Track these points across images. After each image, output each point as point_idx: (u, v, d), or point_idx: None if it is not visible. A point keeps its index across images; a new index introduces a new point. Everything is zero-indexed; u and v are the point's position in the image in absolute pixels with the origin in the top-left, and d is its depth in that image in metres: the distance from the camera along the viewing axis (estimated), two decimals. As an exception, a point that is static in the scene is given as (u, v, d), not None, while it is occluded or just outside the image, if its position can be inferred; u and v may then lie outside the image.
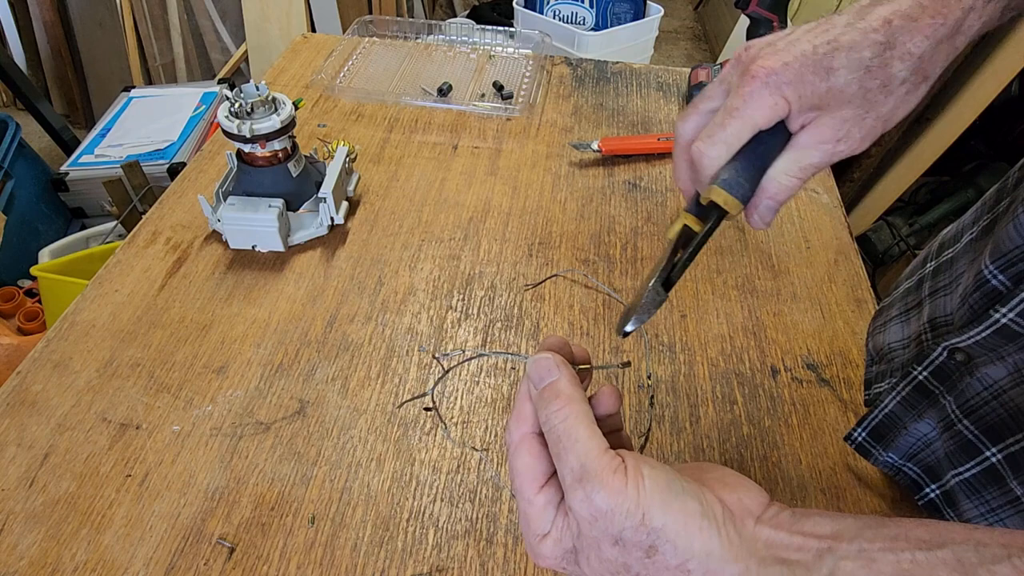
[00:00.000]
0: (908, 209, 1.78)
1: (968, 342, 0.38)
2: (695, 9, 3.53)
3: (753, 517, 0.27)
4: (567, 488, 0.27)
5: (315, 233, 0.74)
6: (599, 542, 0.27)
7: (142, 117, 1.85)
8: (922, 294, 0.48)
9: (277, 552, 0.49)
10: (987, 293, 0.37)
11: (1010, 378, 0.38)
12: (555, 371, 0.31)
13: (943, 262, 0.47)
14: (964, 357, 0.40)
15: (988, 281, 0.37)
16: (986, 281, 0.37)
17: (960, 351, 0.40)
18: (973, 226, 0.44)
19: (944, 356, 0.41)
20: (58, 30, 2.30)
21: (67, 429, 0.56)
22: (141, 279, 0.69)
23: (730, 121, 0.36)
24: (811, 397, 0.61)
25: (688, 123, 0.41)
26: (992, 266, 0.37)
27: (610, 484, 0.26)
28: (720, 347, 0.65)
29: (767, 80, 0.35)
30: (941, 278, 0.46)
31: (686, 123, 0.41)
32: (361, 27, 1.11)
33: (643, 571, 0.26)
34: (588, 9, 2.04)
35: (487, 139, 0.91)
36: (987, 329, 0.36)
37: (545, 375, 0.31)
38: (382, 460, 0.55)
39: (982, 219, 0.43)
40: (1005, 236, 0.36)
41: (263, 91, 0.70)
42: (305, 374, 0.61)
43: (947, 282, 0.45)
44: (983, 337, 0.37)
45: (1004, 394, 0.38)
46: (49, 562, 0.48)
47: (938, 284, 0.46)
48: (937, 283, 0.46)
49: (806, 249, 0.76)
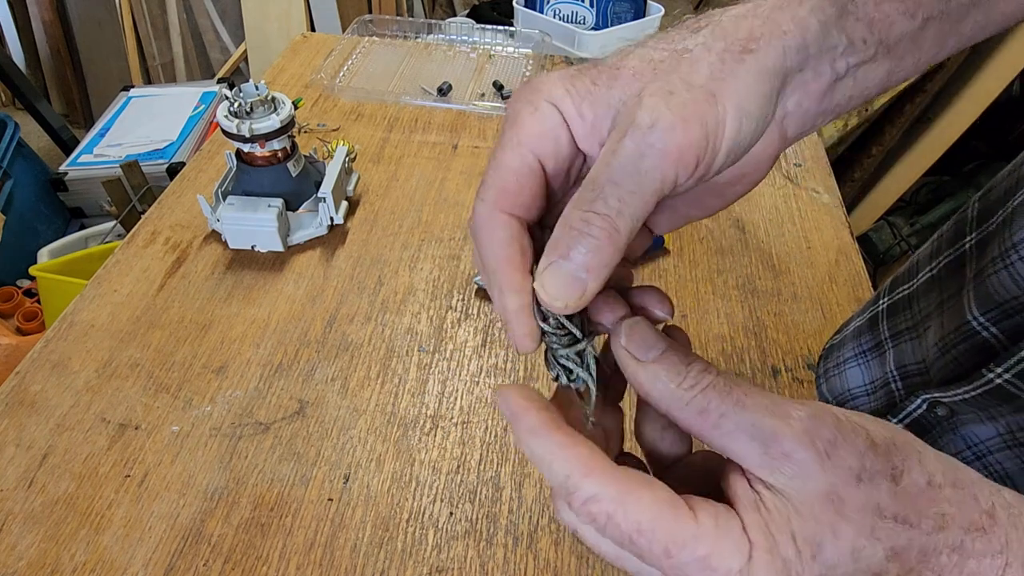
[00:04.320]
0: (909, 209, 1.78)
1: (954, 399, 0.36)
2: (695, 8, 3.53)
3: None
4: (756, 463, 0.20)
5: (314, 233, 0.74)
6: (837, 501, 0.19)
7: (141, 117, 1.85)
8: (880, 335, 0.45)
9: (276, 552, 0.49)
10: (976, 346, 0.35)
11: (999, 439, 0.35)
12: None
13: (899, 300, 0.44)
14: (947, 412, 0.37)
15: (977, 333, 0.34)
16: (974, 333, 0.35)
17: (943, 405, 0.37)
18: (931, 261, 0.42)
19: (923, 408, 0.39)
20: (57, 30, 2.29)
21: (66, 429, 0.56)
22: (140, 279, 0.69)
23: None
24: (812, 397, 0.60)
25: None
26: (982, 317, 0.34)
27: (801, 420, 0.20)
28: (721, 347, 0.64)
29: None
30: (900, 319, 0.43)
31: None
32: (361, 26, 1.11)
33: (896, 507, 0.20)
34: (588, 8, 2.03)
35: (487, 139, 0.91)
36: (978, 388, 0.34)
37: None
38: (382, 460, 0.55)
39: (942, 255, 0.41)
40: (997, 285, 0.33)
41: (262, 91, 0.70)
42: (305, 374, 0.61)
43: (910, 324, 0.42)
44: (972, 396, 0.34)
45: (990, 455, 0.36)
46: (48, 563, 0.48)
47: (899, 326, 0.43)
48: (897, 324, 0.43)
49: (807, 249, 0.75)
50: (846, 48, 0.23)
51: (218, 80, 2.12)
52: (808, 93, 0.24)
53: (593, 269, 0.21)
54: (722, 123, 0.21)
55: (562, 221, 0.22)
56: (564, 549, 0.50)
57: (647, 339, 0.22)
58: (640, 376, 0.22)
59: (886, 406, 0.42)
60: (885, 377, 0.44)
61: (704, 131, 0.21)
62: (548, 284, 0.21)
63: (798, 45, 0.22)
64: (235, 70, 2.28)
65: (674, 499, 0.20)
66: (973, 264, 0.37)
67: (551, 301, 0.21)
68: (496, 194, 0.23)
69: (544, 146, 0.23)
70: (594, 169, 0.22)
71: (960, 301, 0.36)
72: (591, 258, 0.21)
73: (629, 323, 0.23)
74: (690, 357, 0.22)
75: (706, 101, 0.21)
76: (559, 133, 0.23)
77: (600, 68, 0.24)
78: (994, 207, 0.37)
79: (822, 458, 0.19)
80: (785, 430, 0.20)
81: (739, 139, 0.22)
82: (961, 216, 0.41)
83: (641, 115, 0.21)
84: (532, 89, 0.24)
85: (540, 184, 0.24)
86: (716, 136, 0.21)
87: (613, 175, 0.21)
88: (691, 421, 0.21)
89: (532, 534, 0.50)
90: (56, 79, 2.43)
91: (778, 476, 0.20)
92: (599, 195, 0.21)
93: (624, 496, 0.20)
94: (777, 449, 0.20)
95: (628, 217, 0.21)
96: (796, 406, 0.20)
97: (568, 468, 0.21)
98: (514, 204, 0.24)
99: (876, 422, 0.21)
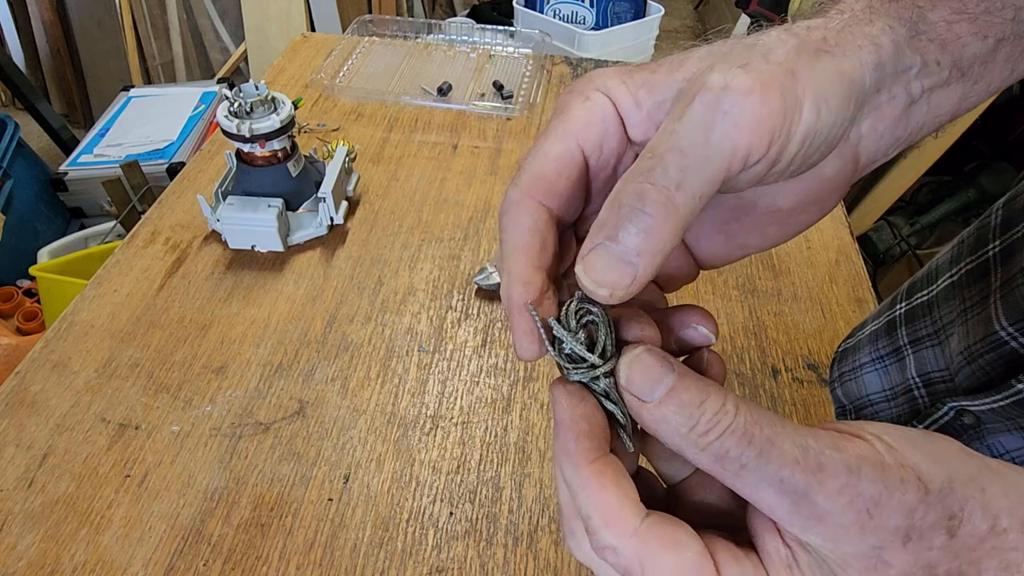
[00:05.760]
0: (909, 209, 1.78)
1: (982, 408, 0.35)
2: (695, 8, 3.53)
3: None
4: (786, 520, 0.18)
5: (314, 233, 0.74)
6: (882, 566, 0.17)
7: (141, 117, 1.85)
8: (898, 341, 0.45)
9: (276, 553, 0.49)
10: (1005, 356, 0.34)
11: None
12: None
13: (917, 306, 0.44)
14: (973, 420, 0.37)
15: (1006, 343, 0.34)
16: (1003, 343, 0.34)
17: (969, 413, 0.37)
18: (952, 268, 0.41)
19: (950, 416, 0.38)
20: (57, 30, 2.29)
21: (66, 429, 0.56)
22: (140, 279, 0.69)
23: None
24: (812, 398, 0.60)
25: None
26: (1011, 328, 0.34)
27: (838, 475, 0.17)
28: (720, 347, 0.64)
29: None
30: (920, 325, 0.43)
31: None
32: (361, 26, 1.11)
33: (952, 564, 0.17)
34: (588, 8, 2.04)
35: (487, 139, 0.91)
36: (1008, 398, 0.33)
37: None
38: (382, 460, 0.55)
39: (963, 261, 0.40)
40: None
41: (262, 91, 0.70)
42: (305, 374, 0.61)
43: (930, 331, 0.42)
44: (1001, 406, 0.34)
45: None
46: (48, 563, 0.48)
47: (918, 332, 0.43)
48: (916, 331, 0.43)
49: (807, 249, 0.75)
50: (920, 69, 0.21)
51: (218, 80, 2.12)
52: (883, 117, 0.22)
53: (646, 253, 0.18)
54: (800, 104, 0.19)
55: (611, 198, 0.19)
56: (564, 549, 0.50)
57: (651, 374, 0.19)
58: (644, 418, 0.19)
59: (909, 413, 0.42)
60: (907, 384, 0.44)
61: (783, 103, 0.18)
62: (592, 269, 0.18)
63: (875, 62, 0.21)
64: (235, 70, 2.28)
65: (701, 563, 0.18)
66: (998, 272, 0.37)
67: (595, 289, 0.19)
68: (531, 180, 0.21)
69: (590, 136, 0.21)
70: (655, 138, 0.19)
71: (987, 310, 0.36)
72: (643, 241, 0.18)
73: (628, 358, 0.20)
74: (705, 391, 0.18)
75: (785, 74, 0.19)
76: (609, 124, 0.21)
77: (662, 61, 0.22)
78: (1019, 216, 0.37)
79: (863, 519, 0.17)
80: (818, 488, 0.17)
81: (817, 128, 0.19)
82: (984, 223, 0.40)
83: (713, 77, 0.18)
84: (586, 80, 0.22)
85: (580, 176, 0.22)
86: (794, 114, 0.19)
87: (678, 142, 0.18)
88: (709, 467, 0.18)
89: (532, 534, 0.50)
90: (56, 79, 2.43)
91: (812, 536, 0.17)
92: (658, 163, 0.18)
93: (644, 558, 0.18)
94: (809, 509, 0.17)
95: (690, 194, 0.18)
96: (831, 452, 0.17)
97: (590, 510, 0.19)
98: (548, 193, 0.21)
99: (931, 459, 0.18)
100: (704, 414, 0.18)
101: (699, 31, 3.37)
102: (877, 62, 0.21)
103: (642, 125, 0.21)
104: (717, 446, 0.18)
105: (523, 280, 0.21)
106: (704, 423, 0.18)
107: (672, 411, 0.18)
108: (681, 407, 0.18)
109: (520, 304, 0.21)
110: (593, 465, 0.19)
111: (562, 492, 0.21)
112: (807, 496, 0.17)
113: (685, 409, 0.18)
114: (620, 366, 0.20)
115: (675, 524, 0.19)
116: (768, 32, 0.21)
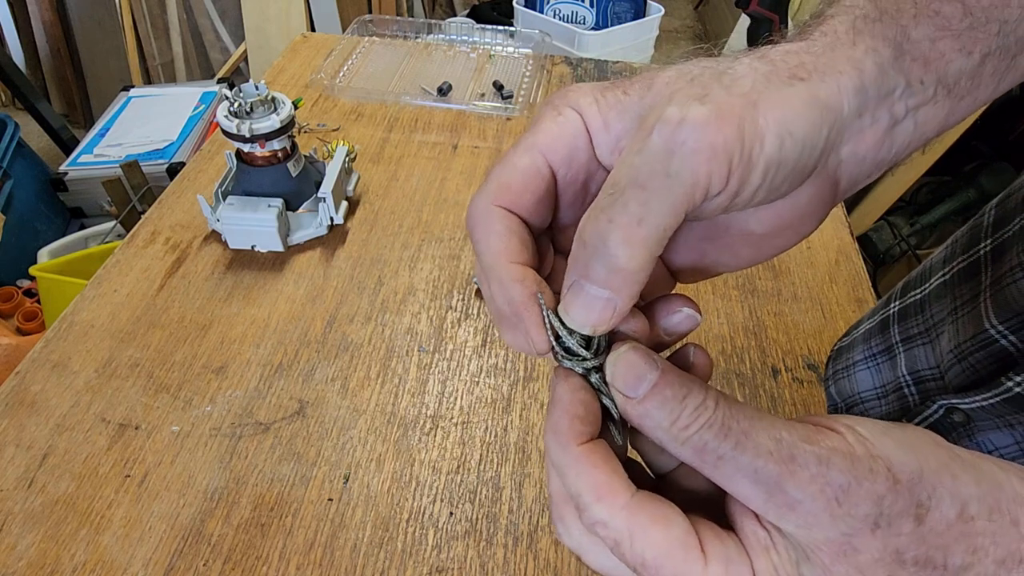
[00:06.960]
0: (909, 209, 1.78)
1: (971, 405, 0.36)
2: (695, 8, 3.53)
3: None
4: (761, 508, 0.18)
5: (314, 233, 0.74)
6: (851, 551, 0.18)
7: (141, 117, 1.85)
8: (891, 339, 0.45)
9: (276, 553, 0.49)
10: (994, 355, 0.35)
11: (1016, 447, 0.35)
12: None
13: (910, 304, 0.44)
14: (963, 418, 0.37)
15: (996, 341, 0.34)
16: (992, 341, 0.35)
17: (959, 411, 0.37)
18: (944, 267, 0.42)
19: (940, 414, 0.39)
20: (57, 30, 2.29)
21: (66, 429, 0.56)
22: (140, 279, 0.69)
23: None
24: (812, 397, 0.60)
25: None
26: (1001, 326, 0.34)
27: (808, 465, 0.18)
28: (721, 347, 0.64)
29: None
30: (912, 323, 0.43)
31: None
32: (361, 26, 1.11)
33: (919, 550, 0.18)
34: (588, 8, 2.03)
35: (487, 139, 0.91)
36: (997, 396, 0.34)
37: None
38: (382, 460, 0.55)
39: (955, 260, 0.41)
40: (1016, 294, 0.33)
41: (262, 91, 0.70)
42: (305, 374, 0.61)
43: (921, 329, 0.42)
44: (991, 404, 0.34)
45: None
46: (48, 563, 0.48)
47: (910, 330, 0.43)
48: (908, 329, 0.43)
49: (807, 249, 0.75)
50: (904, 90, 0.21)
51: (218, 80, 2.12)
52: (864, 140, 0.22)
53: (619, 287, 0.19)
54: (761, 134, 0.19)
55: (578, 234, 0.19)
56: (564, 549, 0.50)
57: (636, 370, 0.20)
58: (629, 412, 0.20)
59: (899, 411, 0.42)
60: (897, 381, 0.44)
61: (740, 132, 0.18)
62: (572, 308, 0.20)
63: (855, 87, 0.20)
64: (235, 70, 2.28)
65: (686, 539, 0.19)
66: (989, 271, 0.37)
67: (579, 328, 0.20)
68: (497, 189, 0.22)
69: (558, 151, 0.22)
70: (615, 170, 0.19)
71: (977, 308, 0.36)
72: (613, 277, 0.19)
73: (614, 356, 0.21)
74: (686, 387, 0.19)
75: (744, 106, 0.19)
76: (577, 141, 0.22)
77: (635, 79, 0.22)
78: (1011, 215, 0.37)
79: (832, 507, 0.17)
80: (789, 477, 0.18)
81: (780, 158, 0.19)
82: (977, 222, 0.40)
83: (670, 110, 0.19)
84: (561, 95, 0.23)
85: (547, 189, 0.22)
86: (753, 144, 0.19)
87: (637, 175, 0.18)
88: (689, 459, 0.19)
89: (532, 534, 0.50)
90: (56, 79, 2.43)
91: (785, 523, 0.18)
92: (618, 198, 0.18)
93: (634, 530, 0.19)
94: (781, 498, 0.18)
95: (653, 226, 0.18)
96: (803, 444, 0.18)
97: (580, 487, 0.20)
98: (514, 202, 0.22)
99: (903, 449, 0.18)
100: (685, 409, 0.19)
101: (699, 31, 3.37)
102: (859, 86, 0.21)
103: (610, 147, 0.22)
104: (696, 439, 0.19)
105: (517, 278, 0.21)
106: (684, 418, 0.19)
107: (654, 406, 0.19)
108: (663, 403, 0.19)
109: (527, 298, 0.21)
110: (583, 445, 0.20)
111: (552, 479, 0.22)
112: (779, 485, 0.18)
113: (667, 404, 0.19)
114: (607, 363, 0.21)
115: (663, 502, 0.20)
116: (741, 59, 0.21)
